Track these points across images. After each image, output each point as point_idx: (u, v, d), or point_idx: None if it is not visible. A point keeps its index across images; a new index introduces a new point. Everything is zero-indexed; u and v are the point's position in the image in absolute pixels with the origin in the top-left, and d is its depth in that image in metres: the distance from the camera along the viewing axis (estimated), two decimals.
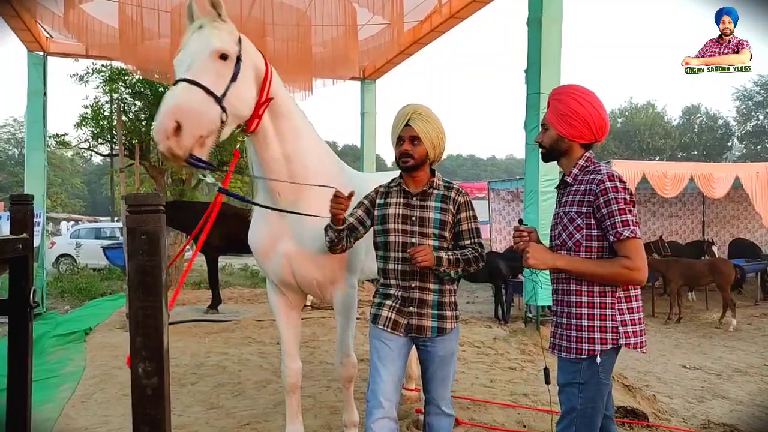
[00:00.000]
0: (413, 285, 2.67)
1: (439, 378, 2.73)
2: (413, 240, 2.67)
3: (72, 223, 29.08)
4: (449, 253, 2.64)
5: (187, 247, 14.70)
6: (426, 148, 2.69)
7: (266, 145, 2.91)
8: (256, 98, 2.73)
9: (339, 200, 2.61)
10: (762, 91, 45.72)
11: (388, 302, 2.73)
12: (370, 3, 7.38)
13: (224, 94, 2.50)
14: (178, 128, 2.29)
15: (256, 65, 2.75)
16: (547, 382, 2.74)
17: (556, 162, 2.63)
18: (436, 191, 2.75)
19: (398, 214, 2.72)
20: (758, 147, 47.28)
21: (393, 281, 2.72)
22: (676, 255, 11.84)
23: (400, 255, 2.68)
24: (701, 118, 52.09)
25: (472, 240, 2.74)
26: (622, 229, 2.26)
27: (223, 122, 2.49)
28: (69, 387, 5.16)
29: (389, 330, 2.70)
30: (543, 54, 6.97)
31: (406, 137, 2.69)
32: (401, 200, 2.75)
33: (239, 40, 2.66)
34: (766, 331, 9.59)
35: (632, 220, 2.27)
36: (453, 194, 2.75)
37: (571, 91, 2.50)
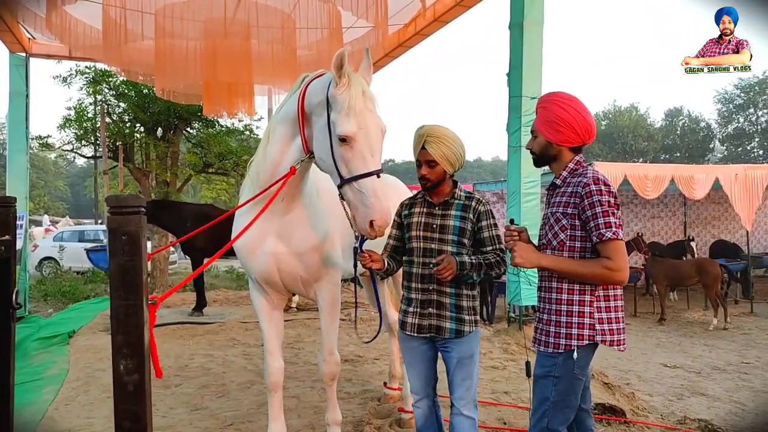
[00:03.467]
0: (431, 288, 2.84)
1: (459, 379, 2.83)
2: (433, 246, 2.84)
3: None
4: (472, 258, 2.78)
5: (172, 249, 14.62)
6: (443, 167, 2.83)
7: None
8: None
9: (371, 259, 2.83)
10: (742, 95, 46.43)
11: (411, 308, 2.90)
12: (354, 6, 7.41)
13: None
14: None
15: None
16: (529, 375, 2.84)
17: (547, 166, 2.72)
18: (457, 201, 2.91)
19: (421, 222, 2.90)
20: (739, 149, 48.01)
21: (414, 284, 2.89)
22: (659, 255, 12.00)
23: (422, 260, 2.86)
24: (684, 121, 52.77)
25: (494, 246, 2.87)
26: (604, 230, 2.33)
27: None
28: (52, 390, 5.15)
29: (415, 334, 2.88)
30: (525, 57, 7.05)
31: (423, 161, 2.84)
32: (424, 210, 2.93)
33: None
34: (744, 329, 9.77)
35: (615, 222, 2.34)
36: (474, 204, 2.90)
37: (555, 99, 2.58)
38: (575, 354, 2.41)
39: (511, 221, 2.69)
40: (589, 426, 2.68)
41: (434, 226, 2.87)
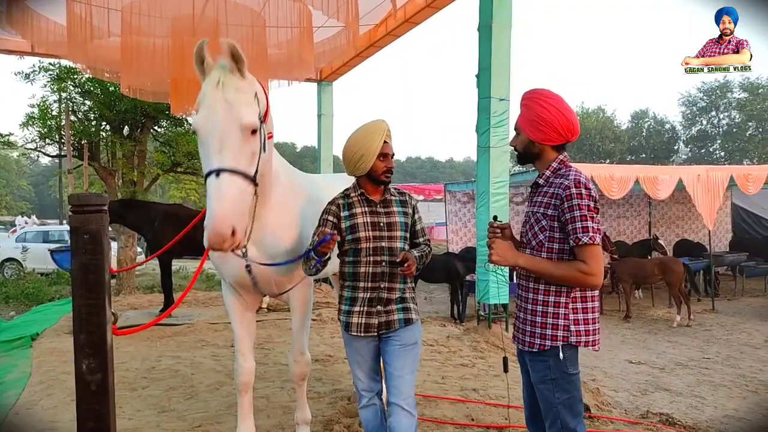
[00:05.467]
0: (382, 286, 2.84)
1: (398, 369, 2.79)
2: (383, 244, 2.85)
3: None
4: (416, 252, 2.88)
5: (140, 250, 14.38)
6: None
7: None
8: None
9: (329, 245, 2.67)
10: (705, 97, 47.69)
11: (356, 308, 2.87)
12: (325, 6, 7.39)
13: (256, 171, 2.49)
14: (234, 231, 2.28)
15: (264, 110, 2.69)
16: (506, 370, 2.87)
17: (531, 164, 2.70)
18: (394, 198, 2.96)
19: (367, 222, 2.87)
20: (702, 150, 49.29)
21: (362, 284, 2.86)
22: (624, 255, 12.27)
23: (371, 259, 2.85)
24: (649, 123, 53.89)
25: (424, 237, 3.03)
26: (581, 234, 2.34)
27: (256, 195, 2.54)
28: (13, 394, 5.02)
29: (363, 335, 2.85)
30: (493, 59, 7.14)
31: (389, 154, 2.89)
32: (366, 209, 2.90)
33: (255, 95, 2.57)
34: (706, 326, 10.06)
35: (592, 227, 2.36)
36: (407, 198, 3.00)
37: (536, 96, 2.56)
38: (561, 354, 2.43)
39: (495, 218, 2.68)
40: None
41: (381, 224, 2.87)
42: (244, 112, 2.44)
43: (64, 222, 26.98)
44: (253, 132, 2.48)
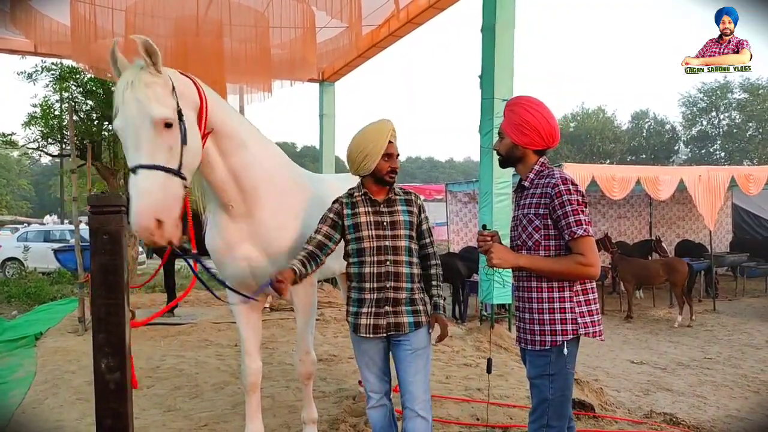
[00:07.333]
0: (388, 285, 2.81)
1: (411, 374, 2.79)
2: (387, 243, 2.84)
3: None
4: (437, 300, 2.98)
5: (141, 250, 14.34)
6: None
7: (211, 168, 2.88)
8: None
9: (279, 280, 2.70)
10: (705, 98, 47.69)
11: (364, 309, 2.84)
12: (329, 6, 7.43)
13: (181, 164, 2.44)
14: (160, 223, 2.28)
15: (195, 104, 2.66)
16: (489, 371, 2.95)
17: (513, 167, 2.80)
18: (399, 197, 2.94)
19: (370, 221, 2.86)
20: (702, 151, 49.29)
21: (368, 284, 2.83)
22: (626, 255, 12.28)
23: (375, 258, 2.83)
24: (649, 123, 53.89)
25: (430, 238, 3.01)
26: (576, 228, 2.43)
27: (186, 188, 2.48)
28: (19, 393, 5.04)
29: (371, 336, 2.82)
30: (497, 60, 7.14)
31: (394, 154, 2.89)
32: (369, 208, 2.89)
33: (173, 89, 2.50)
34: (707, 326, 10.08)
35: (585, 220, 2.45)
36: (413, 198, 2.99)
37: (523, 102, 2.66)
38: (565, 349, 2.49)
39: (484, 227, 2.73)
40: (569, 413, 2.78)
41: (384, 223, 2.86)
42: (153, 106, 2.38)
43: (66, 222, 27.00)
44: (167, 125, 2.42)
